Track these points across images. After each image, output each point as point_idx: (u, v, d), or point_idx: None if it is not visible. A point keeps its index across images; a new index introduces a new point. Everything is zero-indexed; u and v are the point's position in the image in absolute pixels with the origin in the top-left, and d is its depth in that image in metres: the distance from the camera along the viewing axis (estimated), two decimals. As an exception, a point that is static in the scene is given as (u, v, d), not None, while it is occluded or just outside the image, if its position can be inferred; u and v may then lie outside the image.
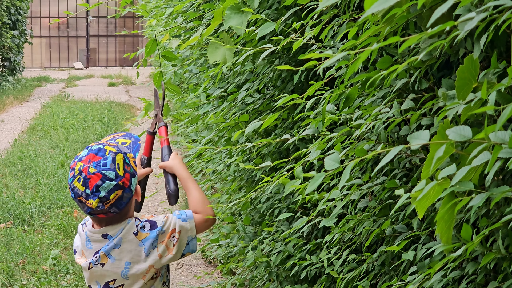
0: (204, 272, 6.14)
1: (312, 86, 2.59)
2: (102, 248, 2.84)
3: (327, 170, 2.15)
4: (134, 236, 2.84)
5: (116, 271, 2.86)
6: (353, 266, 3.33)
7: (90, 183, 2.70)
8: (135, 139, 3.09)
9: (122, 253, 2.84)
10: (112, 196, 2.72)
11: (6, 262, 6.35)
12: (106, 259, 2.85)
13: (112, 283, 2.88)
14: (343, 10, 3.21)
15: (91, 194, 2.71)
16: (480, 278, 2.36)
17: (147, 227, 2.86)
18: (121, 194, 2.74)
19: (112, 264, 2.85)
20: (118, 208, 2.76)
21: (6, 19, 18.86)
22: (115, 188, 2.72)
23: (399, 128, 2.86)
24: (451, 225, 1.81)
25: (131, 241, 2.84)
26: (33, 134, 12.59)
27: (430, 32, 1.65)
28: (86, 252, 2.89)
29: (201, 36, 3.31)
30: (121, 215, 2.82)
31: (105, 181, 2.70)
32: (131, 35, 27.03)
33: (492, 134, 1.58)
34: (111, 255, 2.84)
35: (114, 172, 2.72)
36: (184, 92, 7.97)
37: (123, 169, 2.75)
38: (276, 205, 4.30)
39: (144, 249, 2.84)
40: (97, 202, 2.71)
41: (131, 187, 2.77)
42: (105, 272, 2.87)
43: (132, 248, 2.84)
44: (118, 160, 2.75)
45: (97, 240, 2.85)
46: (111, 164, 2.73)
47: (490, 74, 2.06)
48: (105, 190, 2.70)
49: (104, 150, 2.76)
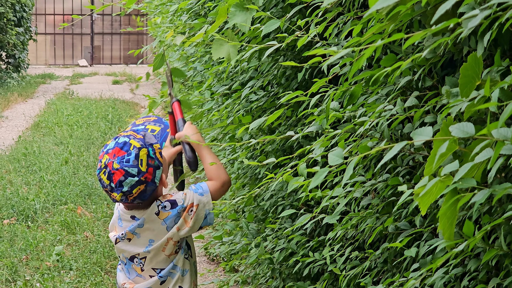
0: (207, 269, 6.15)
1: (316, 83, 2.60)
2: (128, 228, 3.03)
3: (331, 166, 2.16)
4: (156, 216, 3.00)
5: (141, 247, 3.05)
6: (355, 263, 3.34)
7: (114, 178, 2.87)
8: (164, 126, 3.19)
9: (146, 231, 3.02)
10: (134, 191, 2.89)
11: (9, 258, 6.36)
12: (132, 236, 3.04)
13: (138, 255, 3.08)
14: (348, 8, 3.22)
15: (115, 188, 2.88)
16: (482, 275, 2.37)
17: (168, 206, 3.01)
18: (144, 188, 2.90)
19: (138, 240, 3.05)
20: (142, 199, 2.94)
21: (11, 16, 18.89)
22: (138, 183, 2.88)
23: (402, 126, 2.87)
24: (454, 222, 1.82)
25: (154, 221, 3.00)
26: (37, 131, 12.61)
27: (434, 29, 1.67)
28: (118, 228, 3.10)
29: (205, 33, 3.32)
30: (147, 203, 2.99)
31: (128, 177, 2.87)
32: (136, 33, 27.05)
33: (495, 131, 1.59)
34: (136, 232, 3.03)
35: (136, 169, 2.87)
36: (188, 90, 7.98)
37: (146, 164, 2.89)
38: (279, 202, 4.31)
39: (166, 227, 3.01)
40: (120, 196, 2.90)
41: (154, 180, 2.93)
42: (130, 247, 3.06)
43: (155, 227, 3.01)
44: (142, 156, 2.89)
45: (127, 219, 3.04)
46: (134, 160, 2.87)
47: (493, 72, 2.07)
48: (128, 185, 2.87)
49: (129, 144, 2.90)
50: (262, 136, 3.84)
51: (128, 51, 19.15)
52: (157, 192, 3.00)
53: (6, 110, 15.32)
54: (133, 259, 3.09)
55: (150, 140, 2.96)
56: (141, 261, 3.08)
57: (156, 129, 3.18)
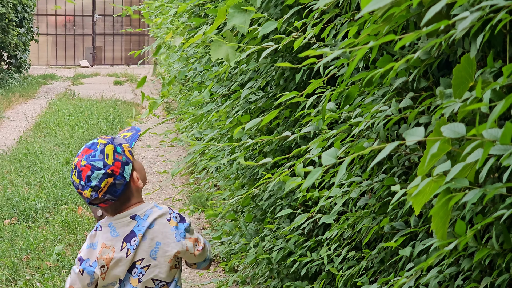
0: (207, 270, 6.16)
1: (312, 83, 2.62)
2: (136, 231, 2.95)
3: (326, 166, 2.18)
4: (167, 221, 2.98)
5: (147, 250, 2.97)
6: (352, 263, 3.36)
7: (82, 174, 2.88)
8: (136, 131, 3.20)
9: (155, 232, 2.97)
10: (103, 184, 2.88)
11: (10, 257, 6.38)
12: (141, 239, 2.96)
13: (139, 263, 2.97)
14: (345, 10, 3.24)
15: (85, 185, 2.88)
16: (475, 274, 2.39)
17: (178, 218, 3.01)
18: (113, 182, 2.89)
19: (144, 243, 2.97)
20: (113, 195, 2.91)
21: (12, 17, 18.91)
22: (105, 176, 2.87)
23: (398, 126, 2.90)
24: (446, 221, 1.84)
25: (165, 224, 2.98)
26: (38, 131, 12.63)
27: (425, 30, 1.69)
28: (112, 242, 2.97)
29: (204, 34, 3.35)
30: (122, 201, 2.95)
31: (94, 171, 2.87)
32: (137, 34, 27.08)
33: (485, 131, 1.61)
34: (145, 235, 2.96)
35: (102, 162, 2.89)
36: (188, 90, 8.00)
37: (112, 157, 2.90)
38: (277, 202, 4.33)
39: (175, 234, 2.98)
40: (90, 191, 2.88)
41: (123, 174, 2.91)
42: (137, 252, 2.96)
43: (164, 230, 2.97)
44: (107, 151, 2.91)
45: (125, 224, 2.97)
46: (99, 155, 2.90)
47: (486, 73, 2.09)
48: (95, 179, 2.87)
49: (96, 143, 2.94)
50: (260, 137, 3.86)
51: (129, 52, 19.31)
52: (130, 190, 2.95)
53: (7, 111, 15.34)
54: (132, 269, 2.97)
55: (119, 141, 2.98)
56: (141, 270, 2.97)
57: (128, 134, 3.18)
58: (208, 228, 7.26)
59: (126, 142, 3.00)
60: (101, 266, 2.95)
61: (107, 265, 2.95)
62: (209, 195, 7.59)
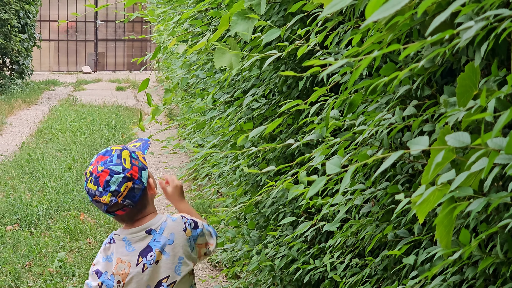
0: (209, 276, 6.16)
1: (316, 91, 2.62)
2: (153, 246, 2.92)
3: (330, 175, 2.18)
4: (183, 233, 2.96)
5: (171, 267, 2.94)
6: (356, 270, 3.35)
7: (100, 180, 2.84)
8: (145, 141, 3.19)
9: (176, 248, 2.94)
10: (122, 189, 2.85)
11: (12, 264, 6.38)
12: (161, 256, 2.93)
13: (165, 281, 2.95)
14: (348, 17, 3.24)
15: (103, 191, 2.84)
16: (479, 282, 2.39)
17: (192, 225, 2.99)
18: (132, 186, 2.86)
19: (167, 260, 2.94)
20: (132, 200, 2.88)
21: (15, 23, 18.94)
22: (124, 180, 2.85)
23: (402, 134, 2.89)
24: (451, 230, 1.83)
25: (182, 237, 2.95)
26: (40, 137, 12.64)
27: (429, 40, 1.69)
28: (127, 257, 2.93)
29: (207, 41, 3.34)
30: (139, 208, 2.93)
31: (113, 175, 2.84)
32: (139, 40, 27.11)
33: (489, 141, 1.61)
34: (165, 251, 2.93)
35: (120, 166, 2.86)
36: (191, 97, 8.00)
37: (130, 162, 2.89)
38: (280, 209, 4.33)
39: (190, 245, 2.97)
40: (109, 197, 2.84)
41: (141, 179, 2.90)
42: (159, 269, 2.93)
43: (183, 243, 2.96)
44: (124, 156, 2.90)
45: (140, 238, 2.94)
46: (117, 159, 2.88)
47: (490, 81, 2.09)
48: (115, 184, 2.84)
49: (110, 150, 2.92)
50: (263, 144, 3.87)
51: (132, 58, 19.16)
52: (146, 197, 2.94)
53: (10, 117, 15.35)
54: (159, 287, 2.94)
55: (132, 149, 2.98)
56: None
57: (137, 144, 3.16)
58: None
59: (138, 150, 3.00)
60: (117, 281, 2.93)
61: (123, 280, 2.93)
62: (211, 201, 7.59)
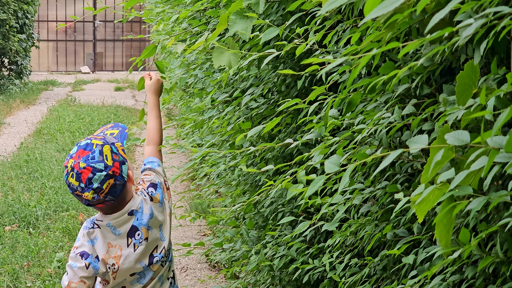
0: (208, 276, 6.15)
1: (314, 90, 2.61)
2: (137, 225, 3.04)
3: (329, 174, 2.17)
4: (152, 202, 3.10)
5: (157, 237, 3.09)
6: (355, 270, 3.34)
7: (83, 177, 2.87)
8: (122, 128, 3.26)
9: (155, 219, 3.08)
10: (105, 186, 2.88)
11: (11, 264, 6.37)
12: (148, 232, 3.06)
13: (155, 251, 3.09)
14: (347, 16, 3.23)
15: (86, 187, 2.87)
16: (479, 282, 2.37)
17: (154, 190, 3.14)
18: (114, 183, 2.91)
19: (153, 233, 3.08)
20: (113, 196, 2.93)
21: (13, 23, 18.93)
22: (106, 178, 2.88)
23: (401, 133, 2.88)
24: (450, 229, 1.82)
25: (155, 206, 3.10)
26: (39, 138, 12.63)
27: (428, 38, 1.68)
28: (116, 241, 3.03)
29: (206, 41, 3.33)
30: (120, 201, 3.00)
31: (96, 173, 2.87)
32: (138, 40, 27.10)
33: (489, 139, 1.60)
34: (149, 226, 3.06)
35: (102, 163, 2.89)
36: (189, 97, 7.99)
37: (111, 158, 2.92)
38: (279, 209, 4.32)
39: (163, 206, 3.15)
40: (92, 194, 2.88)
41: (122, 174, 2.95)
42: (149, 245, 3.07)
43: (157, 211, 3.10)
44: (106, 151, 2.92)
45: (124, 221, 3.03)
46: (99, 156, 2.90)
47: (490, 80, 2.08)
48: (97, 181, 2.87)
49: (91, 144, 2.93)
50: (262, 143, 3.86)
51: (130, 58, 19.25)
52: (126, 189, 3.00)
53: (8, 117, 15.34)
54: (153, 259, 3.10)
55: (111, 140, 3.02)
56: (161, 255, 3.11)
57: (115, 132, 3.24)
58: (210, 235, 7.24)
59: (117, 141, 3.06)
60: (112, 264, 2.99)
61: (117, 263, 3.01)
62: (210, 201, 7.58)
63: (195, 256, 6.66)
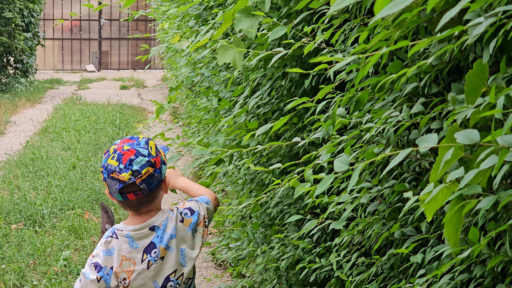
0: (214, 275, 6.15)
1: (322, 89, 2.61)
2: (156, 242, 2.93)
3: (337, 172, 2.17)
4: (181, 224, 2.98)
5: (177, 261, 2.95)
6: (362, 269, 3.34)
7: (124, 158, 2.82)
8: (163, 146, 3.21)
9: (178, 241, 2.96)
10: (144, 171, 2.82)
11: (17, 262, 6.38)
12: (166, 252, 2.94)
13: (173, 275, 2.96)
14: (354, 15, 3.23)
15: (125, 168, 2.81)
16: (488, 281, 2.37)
17: (189, 213, 3.01)
18: (152, 172, 2.84)
19: (172, 255, 2.95)
20: (148, 187, 2.85)
21: (19, 21, 18.95)
22: (147, 164, 2.83)
23: (409, 132, 2.88)
24: (459, 228, 1.82)
25: (182, 229, 2.97)
26: (45, 136, 12.64)
27: (439, 36, 1.67)
28: (131, 254, 2.93)
29: (211, 38, 3.33)
30: (150, 198, 2.90)
31: (139, 156, 2.82)
32: (144, 38, 27.10)
33: (499, 138, 1.59)
34: (169, 246, 2.94)
35: (147, 151, 2.85)
36: (195, 95, 7.99)
37: (156, 151, 2.89)
38: (286, 209, 4.32)
39: (191, 233, 3.00)
40: (129, 175, 2.81)
41: (161, 171, 2.89)
42: (166, 265, 2.95)
43: (183, 234, 2.98)
44: (151, 144, 2.89)
45: (144, 235, 2.93)
46: (144, 144, 2.87)
47: (499, 78, 2.07)
48: (138, 164, 2.81)
49: (137, 137, 2.92)
50: (268, 143, 3.86)
51: (135, 57, 19.11)
52: (159, 191, 2.92)
53: (14, 115, 15.36)
54: (167, 284, 2.96)
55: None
56: (177, 281, 2.97)
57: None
58: (216, 233, 7.25)
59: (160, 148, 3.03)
60: (123, 279, 2.92)
61: (129, 278, 2.92)
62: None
63: (201, 255, 6.66)
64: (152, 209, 2.95)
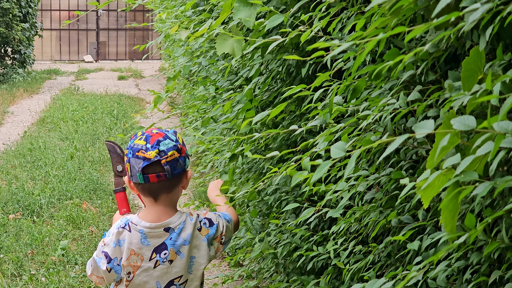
0: (212, 264, 6.16)
1: (320, 76, 2.61)
2: (168, 244, 2.92)
3: (334, 159, 2.17)
4: (198, 232, 2.96)
5: (184, 267, 2.94)
6: (359, 257, 3.35)
7: (152, 139, 2.85)
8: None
9: (191, 249, 2.95)
10: (170, 153, 2.84)
11: (15, 252, 6.39)
12: (175, 256, 2.92)
13: (177, 280, 2.96)
14: (351, 3, 3.23)
15: (151, 147, 2.84)
16: (484, 267, 2.38)
17: (207, 223, 3.01)
18: (177, 158, 2.87)
19: (181, 260, 2.93)
20: (171, 170, 2.86)
21: (16, 12, 18.91)
22: (174, 147, 2.86)
23: (406, 120, 2.88)
24: (456, 214, 1.83)
25: (197, 237, 2.96)
26: (42, 126, 12.64)
27: (435, 22, 1.67)
28: (141, 250, 2.92)
29: (209, 28, 3.33)
30: (171, 185, 2.91)
31: (167, 139, 2.86)
32: (141, 29, 27.08)
33: (496, 124, 1.60)
34: (180, 251, 2.92)
35: (175, 137, 2.90)
36: (193, 85, 7.98)
37: (182, 142, 2.92)
38: (283, 197, 4.32)
39: (206, 244, 2.97)
40: (155, 153, 2.82)
41: (185, 161, 2.92)
42: (173, 269, 2.94)
43: (198, 243, 2.96)
44: (179, 135, 2.94)
45: (157, 235, 2.92)
46: (172, 133, 2.92)
47: (495, 65, 2.07)
48: (165, 145, 2.84)
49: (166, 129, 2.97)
50: (266, 131, 3.86)
51: (133, 47, 19.27)
52: (179, 182, 2.93)
53: (11, 106, 15.35)
54: (170, 286, 2.96)
55: None
56: (180, 287, 2.97)
57: None
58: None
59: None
60: (128, 273, 2.93)
61: (134, 272, 2.93)
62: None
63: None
64: (169, 203, 2.95)
